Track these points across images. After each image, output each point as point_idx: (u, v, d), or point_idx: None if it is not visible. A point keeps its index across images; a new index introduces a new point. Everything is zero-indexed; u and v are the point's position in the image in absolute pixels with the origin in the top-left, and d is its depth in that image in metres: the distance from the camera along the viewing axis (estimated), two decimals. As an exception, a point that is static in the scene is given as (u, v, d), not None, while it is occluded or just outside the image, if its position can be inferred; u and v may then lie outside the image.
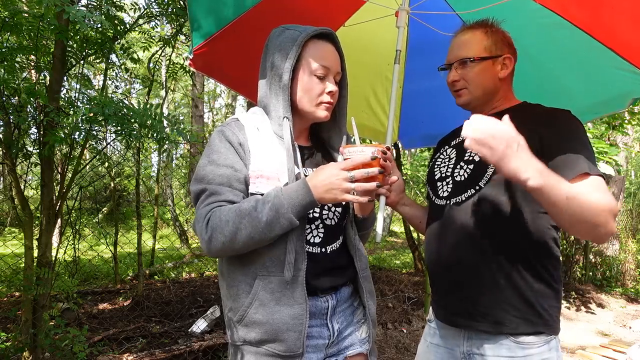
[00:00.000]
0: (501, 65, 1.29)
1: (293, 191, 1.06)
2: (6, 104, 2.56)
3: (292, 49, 1.15)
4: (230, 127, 1.16)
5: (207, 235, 1.06)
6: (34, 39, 2.62)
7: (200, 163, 1.14)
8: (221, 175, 1.10)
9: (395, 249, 9.70)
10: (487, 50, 1.28)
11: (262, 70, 1.25)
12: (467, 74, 1.30)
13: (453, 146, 1.40)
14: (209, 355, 3.12)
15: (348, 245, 1.29)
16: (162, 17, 3.66)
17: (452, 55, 1.33)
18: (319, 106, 1.20)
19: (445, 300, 1.31)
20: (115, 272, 5.03)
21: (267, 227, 1.04)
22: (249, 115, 1.23)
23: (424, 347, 1.41)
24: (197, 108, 11.72)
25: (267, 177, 1.13)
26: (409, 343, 3.77)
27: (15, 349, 2.55)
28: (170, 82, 7.29)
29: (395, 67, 1.64)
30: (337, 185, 1.04)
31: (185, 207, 11.26)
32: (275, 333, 1.10)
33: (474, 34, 1.31)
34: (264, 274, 1.11)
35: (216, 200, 1.09)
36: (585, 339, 4.12)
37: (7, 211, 9.06)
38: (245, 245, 1.06)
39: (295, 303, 1.11)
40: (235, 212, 1.05)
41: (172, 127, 2.48)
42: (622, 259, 6.40)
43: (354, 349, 1.28)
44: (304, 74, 1.18)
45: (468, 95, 1.31)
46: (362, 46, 1.98)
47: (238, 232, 1.04)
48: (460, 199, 1.26)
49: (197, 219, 1.10)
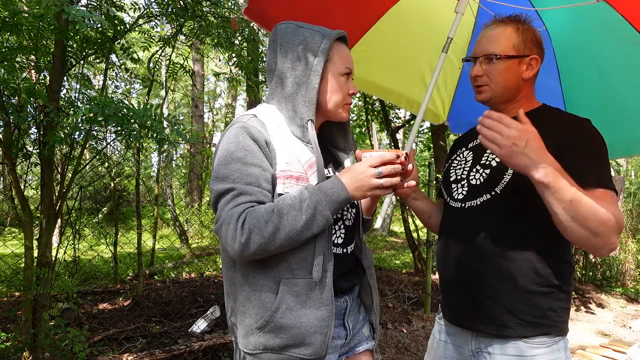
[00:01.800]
0: (527, 66, 1.26)
1: (329, 188, 1.06)
2: (6, 104, 2.56)
3: (321, 51, 1.14)
4: (252, 124, 1.11)
5: (243, 238, 1.00)
6: (34, 39, 2.62)
7: (221, 160, 1.07)
8: (249, 175, 1.05)
9: (395, 249, 9.70)
10: (515, 48, 1.24)
11: (273, 67, 1.21)
12: (491, 71, 1.26)
13: (470, 148, 1.39)
14: (209, 355, 3.12)
15: (357, 244, 1.31)
16: (162, 17, 3.66)
17: (479, 48, 1.30)
18: (344, 107, 1.23)
19: (454, 301, 1.31)
20: (115, 272, 5.03)
21: (306, 225, 1.03)
22: (266, 112, 1.18)
23: (433, 343, 1.42)
24: (197, 108, 11.73)
25: (297, 178, 1.11)
26: (409, 343, 3.77)
27: (15, 349, 2.55)
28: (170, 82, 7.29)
29: (442, 55, 1.56)
30: (367, 181, 1.07)
31: (185, 207, 11.26)
32: (302, 337, 1.08)
33: (505, 29, 1.26)
34: (289, 277, 1.08)
35: (248, 201, 1.04)
36: (585, 339, 4.12)
37: (7, 211, 9.05)
38: (281, 247, 1.03)
39: (321, 305, 1.10)
40: (273, 211, 1.02)
41: (172, 127, 2.48)
42: (622, 259, 6.40)
43: (362, 346, 1.31)
44: (332, 75, 1.19)
45: (489, 92, 1.29)
46: (425, 20, 1.92)
47: (277, 233, 1.01)
48: (475, 202, 1.26)
49: (227, 221, 1.02)
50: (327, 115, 1.24)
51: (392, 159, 1.08)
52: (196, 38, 3.88)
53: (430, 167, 4.59)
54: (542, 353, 1.16)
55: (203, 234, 9.38)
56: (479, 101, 1.34)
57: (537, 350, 1.16)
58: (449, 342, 1.35)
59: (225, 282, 1.19)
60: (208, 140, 14.87)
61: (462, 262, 1.27)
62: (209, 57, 14.27)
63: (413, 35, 2.01)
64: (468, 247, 1.25)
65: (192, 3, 3.42)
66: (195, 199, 11.30)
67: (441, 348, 1.37)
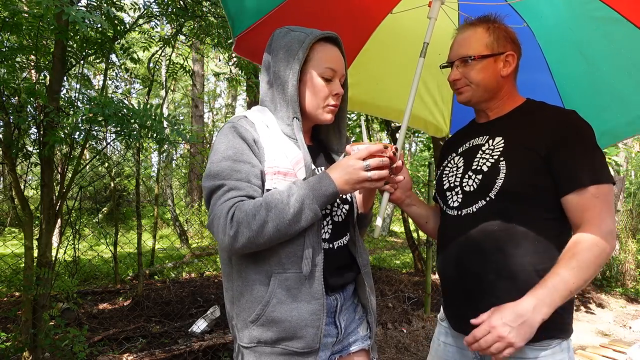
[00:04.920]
0: (503, 63, 1.27)
1: (316, 183, 1.08)
2: (6, 104, 2.56)
3: (300, 50, 1.15)
4: (241, 124, 1.15)
5: (232, 231, 1.03)
6: (34, 39, 2.63)
7: (213, 160, 1.11)
8: (239, 171, 1.09)
9: (395, 249, 9.70)
10: (489, 47, 1.26)
11: (265, 70, 1.24)
12: (468, 73, 1.28)
13: (460, 154, 1.38)
14: (209, 355, 3.12)
15: (352, 242, 1.31)
16: (162, 17, 3.66)
17: (453, 53, 1.32)
18: (325, 109, 1.22)
19: (458, 310, 1.30)
20: (115, 272, 5.03)
21: (294, 219, 1.04)
22: (256, 113, 1.22)
23: (436, 345, 1.41)
24: (197, 108, 11.73)
25: (284, 174, 1.13)
26: (409, 343, 3.77)
27: (15, 349, 2.55)
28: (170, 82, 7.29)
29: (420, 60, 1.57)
30: (355, 174, 1.08)
31: (185, 207, 11.26)
32: (294, 330, 1.10)
33: (475, 31, 1.28)
34: (280, 271, 1.10)
35: (237, 195, 1.07)
36: (585, 339, 4.12)
37: (7, 211, 9.05)
38: (270, 240, 1.05)
39: (312, 299, 1.11)
40: (261, 205, 1.04)
41: (172, 127, 2.48)
42: (622, 259, 6.40)
43: (357, 345, 1.31)
44: (311, 77, 1.19)
45: (469, 93, 1.30)
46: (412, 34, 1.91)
47: (265, 226, 1.03)
48: (471, 210, 1.26)
49: (217, 215, 1.05)
50: (310, 117, 1.23)
51: (378, 150, 1.09)
52: (196, 38, 3.89)
53: (430, 167, 4.59)
54: (546, 355, 1.15)
55: (203, 234, 9.39)
56: (461, 103, 1.35)
57: (540, 352, 1.15)
58: (452, 344, 1.35)
59: (224, 277, 1.22)
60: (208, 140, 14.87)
61: (463, 269, 1.26)
62: (209, 57, 14.27)
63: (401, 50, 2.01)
64: (468, 254, 1.25)
65: (192, 3, 3.42)
66: (195, 199, 11.31)
67: (444, 350, 1.37)
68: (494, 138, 1.27)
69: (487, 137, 1.30)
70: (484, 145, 1.29)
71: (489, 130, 1.31)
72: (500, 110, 1.32)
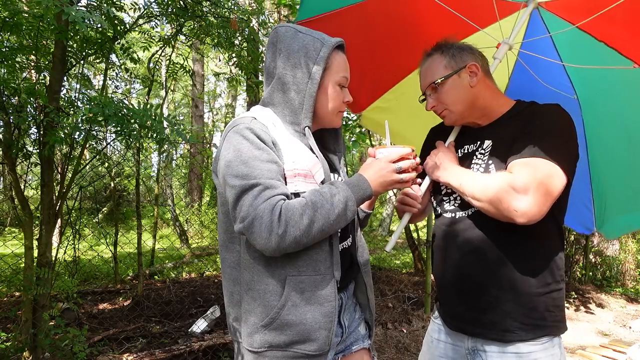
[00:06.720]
0: (469, 74, 1.30)
1: (355, 185, 1.10)
2: (6, 104, 2.56)
3: (320, 58, 1.15)
4: (257, 126, 1.12)
5: (280, 230, 1.00)
6: (34, 39, 2.63)
7: (235, 162, 1.06)
8: (270, 170, 1.06)
9: (395, 249, 9.69)
10: (448, 67, 1.31)
11: (270, 70, 1.21)
12: (440, 97, 1.33)
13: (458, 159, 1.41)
14: (209, 355, 3.12)
15: (355, 241, 1.32)
16: (162, 17, 3.66)
17: (422, 85, 1.38)
18: (338, 115, 1.24)
19: (454, 310, 1.34)
20: (115, 272, 5.03)
21: (337, 219, 1.06)
22: (263, 113, 1.19)
23: (429, 342, 1.44)
24: (197, 108, 11.73)
25: (304, 175, 1.12)
26: (409, 343, 3.77)
27: (15, 349, 2.55)
28: (170, 82, 7.29)
29: None
30: (389, 177, 1.13)
31: (185, 207, 11.26)
32: (307, 333, 1.09)
33: (433, 58, 1.35)
34: (294, 274, 1.09)
35: (277, 194, 1.03)
36: (585, 339, 4.12)
37: (7, 211, 9.06)
38: (313, 240, 1.05)
39: (325, 301, 1.11)
40: (307, 204, 1.03)
41: (172, 127, 2.48)
42: (622, 259, 6.40)
43: (358, 344, 1.32)
44: (329, 84, 1.20)
45: (451, 114, 1.34)
46: None
47: (312, 226, 1.02)
48: (466, 213, 1.29)
49: (259, 215, 1.00)
50: (322, 122, 1.24)
51: (408, 153, 1.15)
52: (196, 38, 3.89)
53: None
54: (538, 350, 1.20)
55: (203, 234, 9.39)
56: (448, 125, 1.39)
57: (533, 347, 1.20)
58: (445, 340, 1.38)
59: (229, 282, 1.19)
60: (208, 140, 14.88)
61: (459, 270, 1.30)
62: (209, 57, 14.27)
63: None
64: (464, 256, 1.28)
65: (192, 3, 3.42)
66: (195, 199, 11.31)
67: (437, 347, 1.40)
68: (484, 142, 1.32)
69: (478, 143, 1.34)
70: (477, 150, 1.33)
71: (480, 136, 1.34)
72: (489, 118, 1.35)
